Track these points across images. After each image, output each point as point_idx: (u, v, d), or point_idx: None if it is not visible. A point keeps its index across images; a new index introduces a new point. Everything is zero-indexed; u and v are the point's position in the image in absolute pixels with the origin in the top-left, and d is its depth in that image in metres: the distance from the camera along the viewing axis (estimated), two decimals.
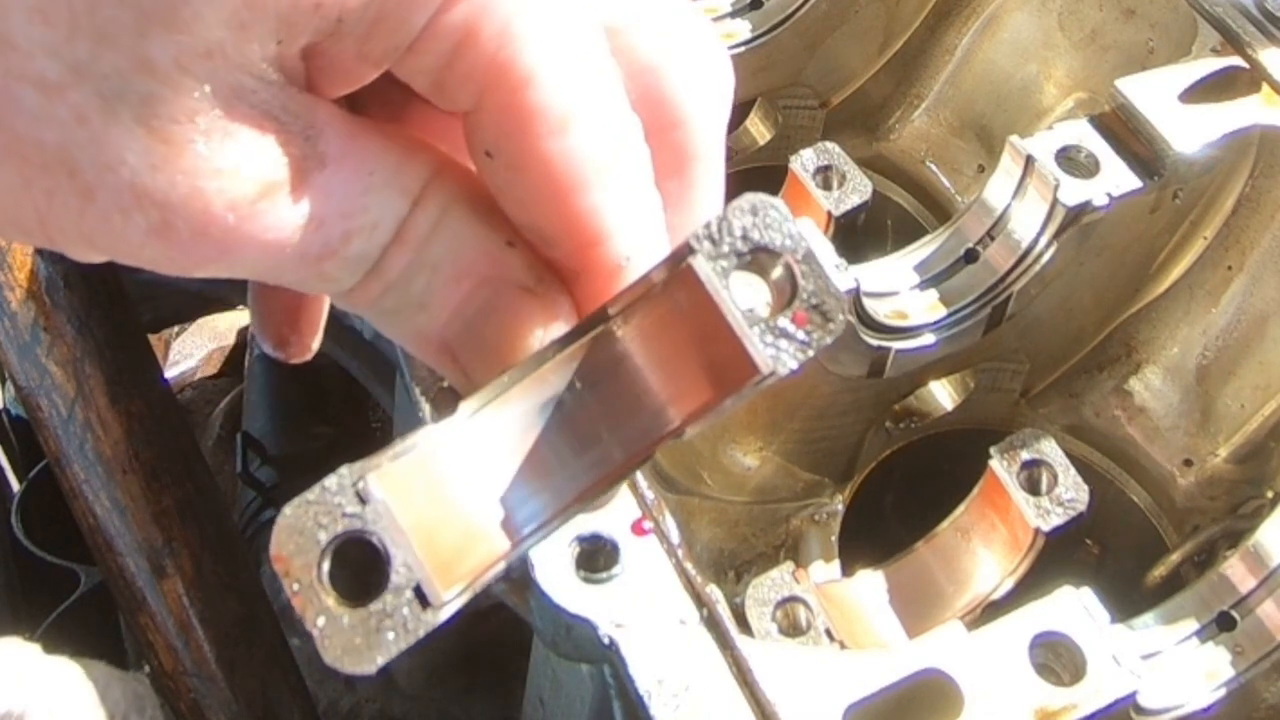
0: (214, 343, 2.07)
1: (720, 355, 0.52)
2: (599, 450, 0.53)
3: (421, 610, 0.47)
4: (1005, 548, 0.97)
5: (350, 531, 0.48)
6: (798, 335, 0.51)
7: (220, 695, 1.07)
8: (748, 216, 0.51)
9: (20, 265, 1.11)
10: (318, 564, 0.47)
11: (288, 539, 0.47)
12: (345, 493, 0.49)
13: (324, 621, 0.46)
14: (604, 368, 0.53)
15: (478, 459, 0.52)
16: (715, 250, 0.51)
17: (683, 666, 0.73)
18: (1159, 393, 1.19)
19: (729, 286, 0.51)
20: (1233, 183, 1.11)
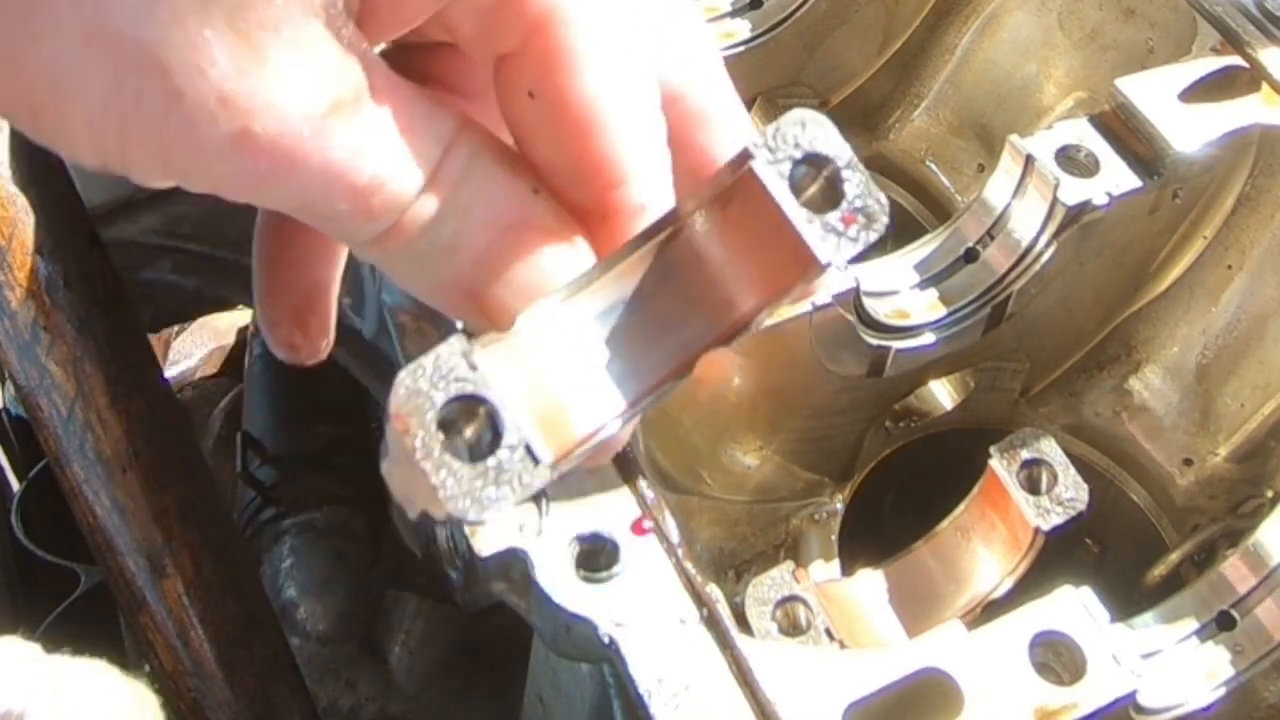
0: (214, 342, 2.07)
1: (781, 251, 0.57)
2: (677, 338, 0.58)
3: (533, 466, 0.51)
4: (1005, 547, 0.97)
5: (463, 395, 0.51)
6: (847, 233, 0.56)
7: (220, 695, 1.07)
8: (799, 128, 0.56)
9: (20, 265, 1.11)
10: (436, 422, 0.50)
11: (406, 399, 0.50)
12: (457, 360, 0.51)
13: (444, 474, 0.50)
14: (675, 267, 0.58)
15: (570, 342, 0.57)
16: (772, 156, 0.56)
17: (683, 666, 0.73)
18: (1159, 392, 1.19)
19: (786, 188, 0.56)
20: (1232, 182, 1.11)
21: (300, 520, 1.46)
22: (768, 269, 0.58)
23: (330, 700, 1.34)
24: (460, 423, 0.51)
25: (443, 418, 0.51)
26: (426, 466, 0.50)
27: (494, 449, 0.51)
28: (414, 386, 0.51)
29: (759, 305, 0.58)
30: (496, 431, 0.51)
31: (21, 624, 1.42)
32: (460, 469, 0.50)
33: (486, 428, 0.51)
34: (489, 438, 0.51)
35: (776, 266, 0.57)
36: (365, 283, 1.01)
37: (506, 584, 0.77)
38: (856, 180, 0.56)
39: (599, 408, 0.57)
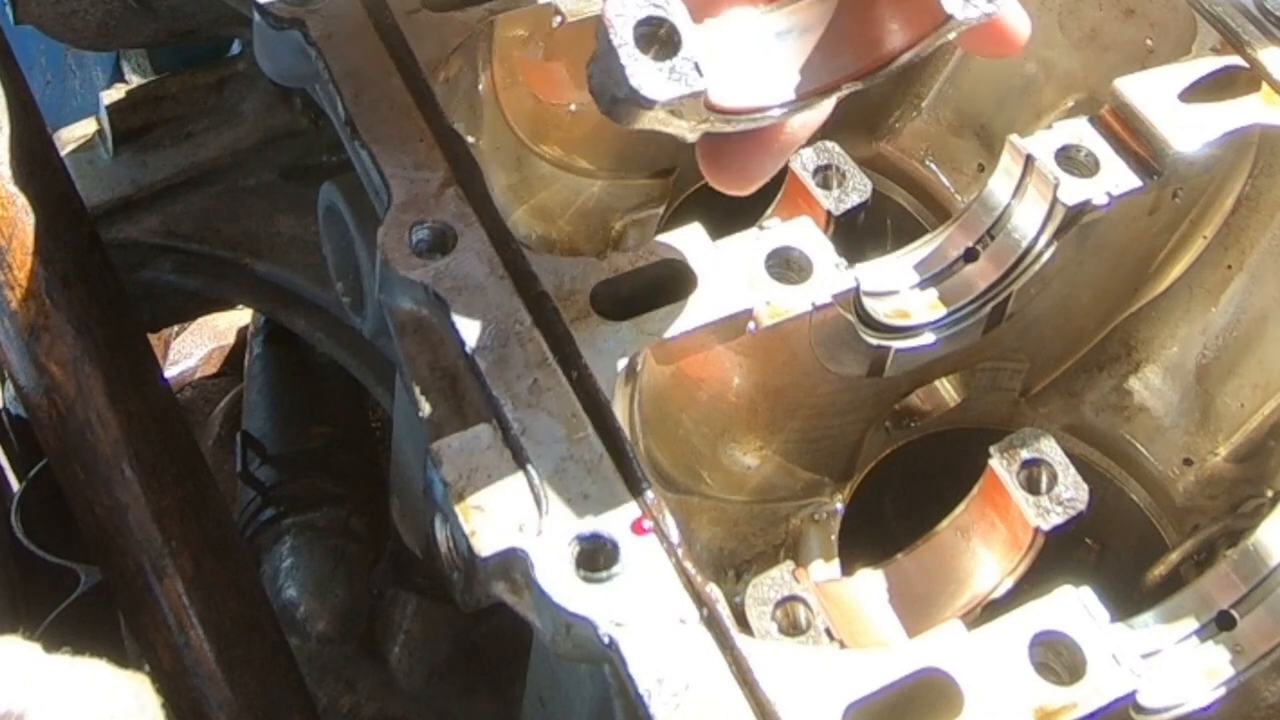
0: (213, 342, 2.07)
1: (914, 7, 0.73)
2: (831, 64, 0.75)
3: (699, 78, 0.69)
4: (1005, 547, 0.97)
5: (655, 17, 0.69)
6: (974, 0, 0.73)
7: (220, 694, 1.07)
8: None
9: (20, 265, 1.11)
10: (633, 24, 0.68)
11: (616, 6, 0.68)
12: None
13: (633, 59, 0.68)
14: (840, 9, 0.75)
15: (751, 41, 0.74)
16: None
17: (683, 666, 0.73)
18: (1159, 392, 1.19)
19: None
20: (1232, 182, 1.11)
21: (300, 520, 1.46)
22: (911, 18, 0.73)
23: (330, 700, 1.35)
24: (652, 37, 0.68)
25: (640, 25, 0.68)
26: (622, 54, 0.67)
27: (671, 55, 0.68)
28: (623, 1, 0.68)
29: (902, 46, 0.74)
30: (676, 46, 0.68)
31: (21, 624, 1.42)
32: (645, 61, 0.67)
33: (670, 42, 0.68)
34: (671, 50, 0.68)
35: (916, 17, 0.73)
36: (365, 282, 1.02)
37: (506, 584, 0.77)
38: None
39: (761, 92, 0.73)
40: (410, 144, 0.93)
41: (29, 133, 1.18)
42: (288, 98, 1.49)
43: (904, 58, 0.75)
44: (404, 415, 1.05)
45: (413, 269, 0.87)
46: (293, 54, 0.99)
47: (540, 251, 0.89)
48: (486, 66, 1.08)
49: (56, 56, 2.44)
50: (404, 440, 1.06)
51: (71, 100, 2.45)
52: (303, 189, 1.49)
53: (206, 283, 1.48)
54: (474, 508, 0.77)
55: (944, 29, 0.73)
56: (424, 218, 0.89)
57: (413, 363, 0.87)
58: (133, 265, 1.45)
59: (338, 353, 1.44)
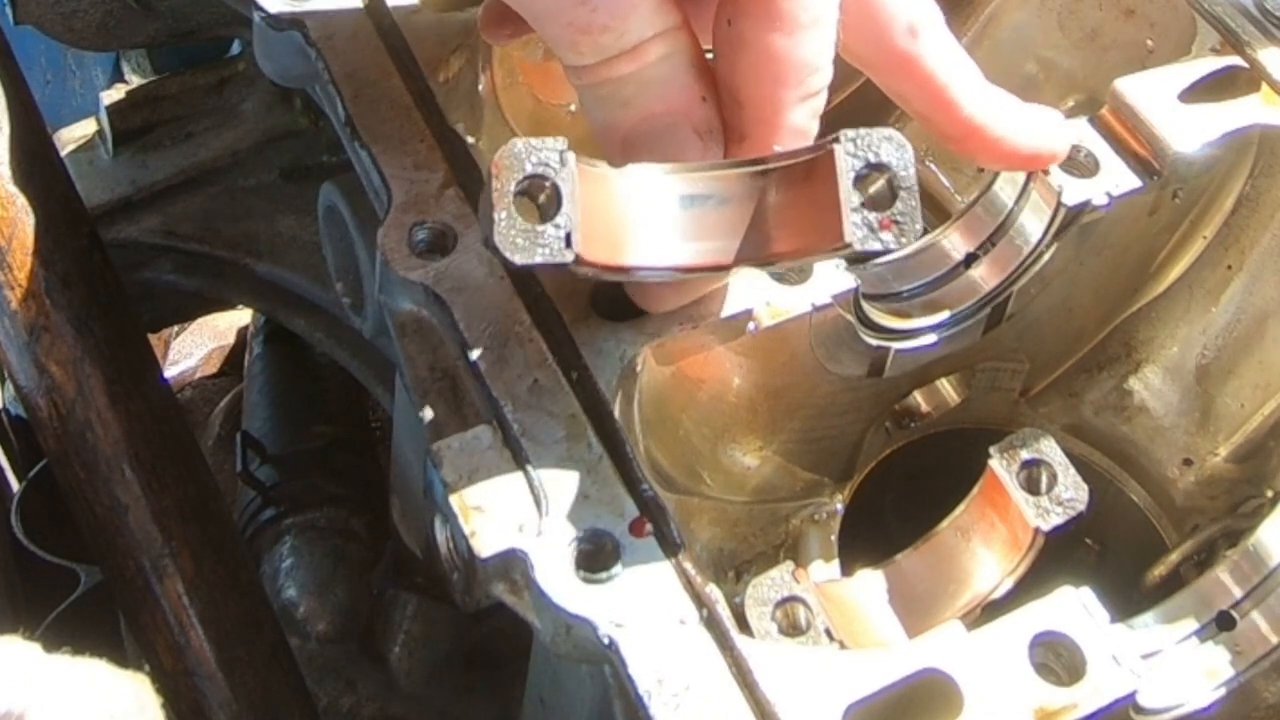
0: (214, 342, 2.07)
1: (824, 220, 0.71)
2: (725, 243, 0.74)
3: (565, 248, 0.69)
4: (1005, 547, 0.97)
5: (545, 176, 0.69)
6: (879, 233, 0.70)
7: (220, 695, 1.07)
8: (886, 142, 0.71)
9: (20, 265, 1.11)
10: (515, 179, 0.69)
11: (506, 157, 0.69)
12: (552, 154, 0.70)
13: (505, 216, 0.68)
14: (749, 193, 0.73)
15: (653, 201, 0.73)
16: (854, 150, 0.71)
17: (683, 666, 0.73)
18: (1159, 392, 1.19)
19: (850, 177, 0.70)
20: (1232, 182, 1.11)
21: (300, 520, 1.46)
22: (809, 229, 0.72)
23: (330, 700, 1.34)
24: (536, 193, 0.69)
25: (523, 180, 0.69)
26: (497, 206, 0.68)
27: (545, 220, 0.69)
28: (515, 153, 0.69)
29: (790, 251, 0.73)
30: (553, 211, 0.69)
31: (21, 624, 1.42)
32: (517, 220, 0.68)
33: (552, 204, 0.69)
34: (548, 213, 0.69)
35: (815, 230, 0.72)
36: (365, 283, 1.02)
37: (506, 584, 0.77)
38: (909, 201, 0.70)
39: (648, 254, 0.73)
40: (410, 144, 0.93)
41: (29, 133, 1.18)
42: (288, 98, 1.49)
43: (791, 261, 0.76)
44: (404, 415, 1.05)
45: (412, 270, 0.87)
46: (293, 54, 0.99)
47: None
48: (486, 66, 1.08)
49: (56, 56, 2.44)
50: (404, 440, 1.06)
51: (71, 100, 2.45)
52: (303, 189, 1.49)
53: (206, 283, 1.49)
54: (474, 508, 0.77)
55: (837, 251, 0.71)
56: (424, 218, 0.89)
57: (412, 363, 0.87)
58: (133, 265, 1.45)
59: (338, 353, 1.44)
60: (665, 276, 0.75)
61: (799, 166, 0.72)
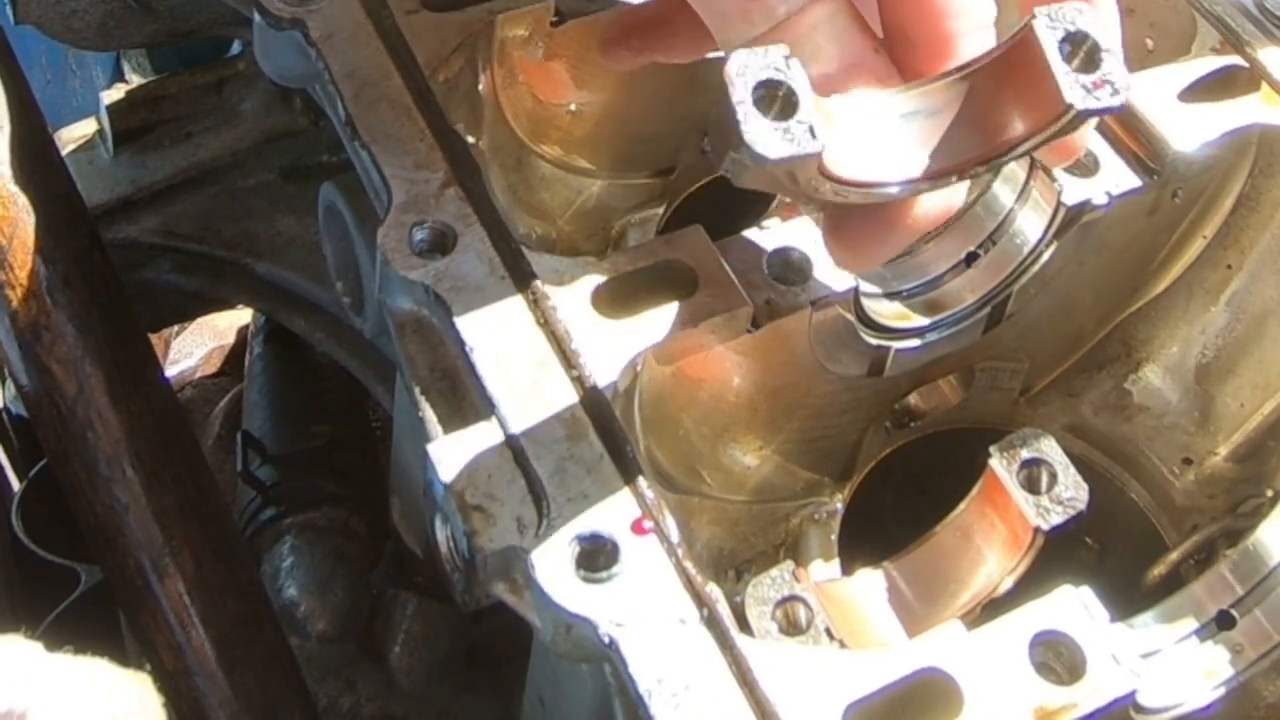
0: (214, 342, 2.07)
1: (1041, 94, 0.71)
2: (955, 147, 0.75)
3: (812, 139, 0.68)
4: (1005, 546, 0.97)
5: (779, 81, 0.68)
6: (1095, 92, 0.71)
7: (220, 694, 1.07)
8: (1077, 12, 0.72)
9: (21, 265, 1.11)
10: (752, 85, 0.68)
11: (738, 63, 0.68)
12: (780, 58, 0.69)
13: (751, 119, 0.68)
14: (964, 97, 0.75)
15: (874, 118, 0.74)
16: (1051, 23, 0.72)
17: (683, 666, 0.73)
18: (1158, 391, 1.19)
19: (1055, 47, 0.71)
20: (1232, 182, 1.11)
21: (300, 520, 1.46)
22: (1028, 111, 0.72)
23: (330, 700, 1.34)
24: (770, 98, 0.68)
25: (759, 86, 0.68)
26: (739, 111, 0.67)
27: (787, 117, 0.68)
28: (744, 61, 0.68)
29: (1019, 137, 0.73)
30: (793, 108, 0.68)
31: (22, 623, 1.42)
32: (760, 120, 0.67)
33: (788, 105, 0.68)
34: (788, 112, 0.68)
35: (1035, 109, 0.72)
36: (365, 282, 1.02)
37: (506, 584, 0.77)
38: (1114, 62, 0.71)
39: (879, 167, 0.73)
40: (410, 144, 0.93)
41: (29, 132, 1.18)
42: (288, 98, 1.49)
43: (1026, 145, 0.74)
44: (404, 415, 1.05)
45: (413, 269, 0.87)
46: (293, 54, 0.99)
47: (540, 251, 0.89)
48: (486, 66, 1.08)
49: (56, 56, 2.44)
50: (404, 440, 1.06)
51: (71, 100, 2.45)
52: (302, 189, 1.49)
53: (206, 283, 1.49)
54: (474, 507, 0.77)
55: (1065, 120, 0.72)
56: (424, 218, 0.89)
57: (412, 363, 0.87)
58: (133, 265, 1.45)
59: (338, 353, 1.44)
60: (903, 191, 0.75)
61: (1000, 59, 0.74)
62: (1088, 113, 0.70)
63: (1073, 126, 0.72)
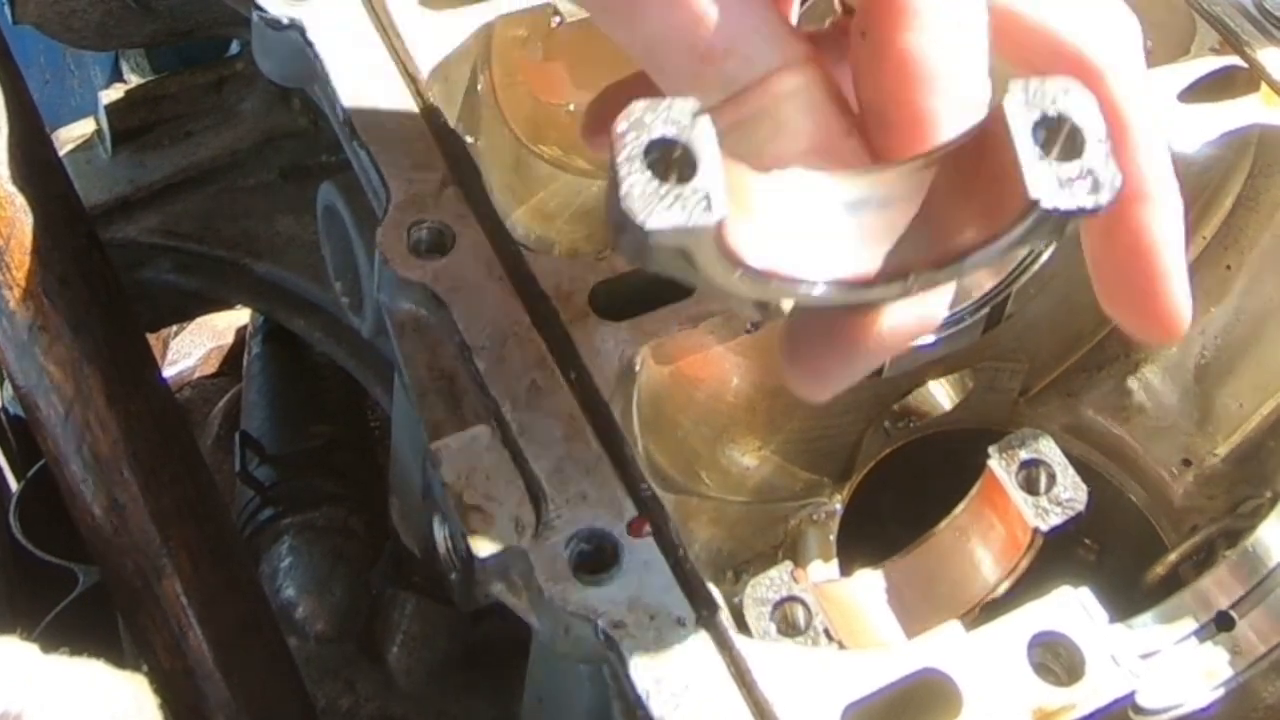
0: (212, 342, 2.07)
1: (1004, 188, 0.59)
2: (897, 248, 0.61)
3: (707, 209, 0.55)
4: (1003, 547, 0.97)
5: (678, 139, 0.56)
6: (1070, 185, 0.58)
7: (219, 695, 1.07)
8: (1062, 91, 0.59)
9: (19, 265, 1.11)
10: (646, 145, 0.56)
11: (626, 124, 0.56)
12: (684, 113, 0.56)
13: (632, 178, 0.55)
14: (916, 189, 0.62)
15: (806, 203, 0.61)
16: (1027, 100, 0.59)
17: (682, 666, 0.73)
18: (1157, 392, 1.19)
19: (1026, 131, 0.59)
20: (1231, 182, 1.11)
21: (299, 520, 1.46)
22: (991, 207, 0.60)
23: (329, 700, 1.34)
24: (667, 158, 0.56)
25: (653, 146, 0.56)
26: (622, 171, 0.56)
27: (681, 181, 0.56)
28: (639, 114, 0.57)
29: (977, 240, 0.60)
30: (689, 173, 0.56)
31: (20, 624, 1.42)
32: (644, 182, 0.56)
33: (685, 167, 0.56)
34: (684, 176, 0.56)
35: (998, 205, 0.59)
36: (364, 283, 1.01)
37: (505, 584, 0.77)
38: (1100, 153, 0.58)
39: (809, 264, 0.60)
40: (409, 143, 0.93)
41: (28, 132, 1.17)
42: (287, 98, 1.49)
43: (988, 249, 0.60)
44: (403, 415, 1.05)
45: (411, 269, 0.87)
46: (291, 54, 0.99)
47: (539, 252, 0.89)
48: (486, 66, 1.08)
49: (55, 56, 2.44)
50: (403, 440, 1.06)
51: (70, 100, 2.45)
52: (302, 189, 1.49)
53: (206, 283, 1.48)
54: (472, 508, 0.77)
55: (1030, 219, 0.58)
56: (423, 218, 0.89)
57: (411, 363, 0.87)
58: (132, 265, 1.45)
59: (337, 353, 1.44)
60: (826, 294, 0.61)
61: (967, 145, 0.62)
62: (1057, 212, 0.57)
63: (1046, 229, 0.58)
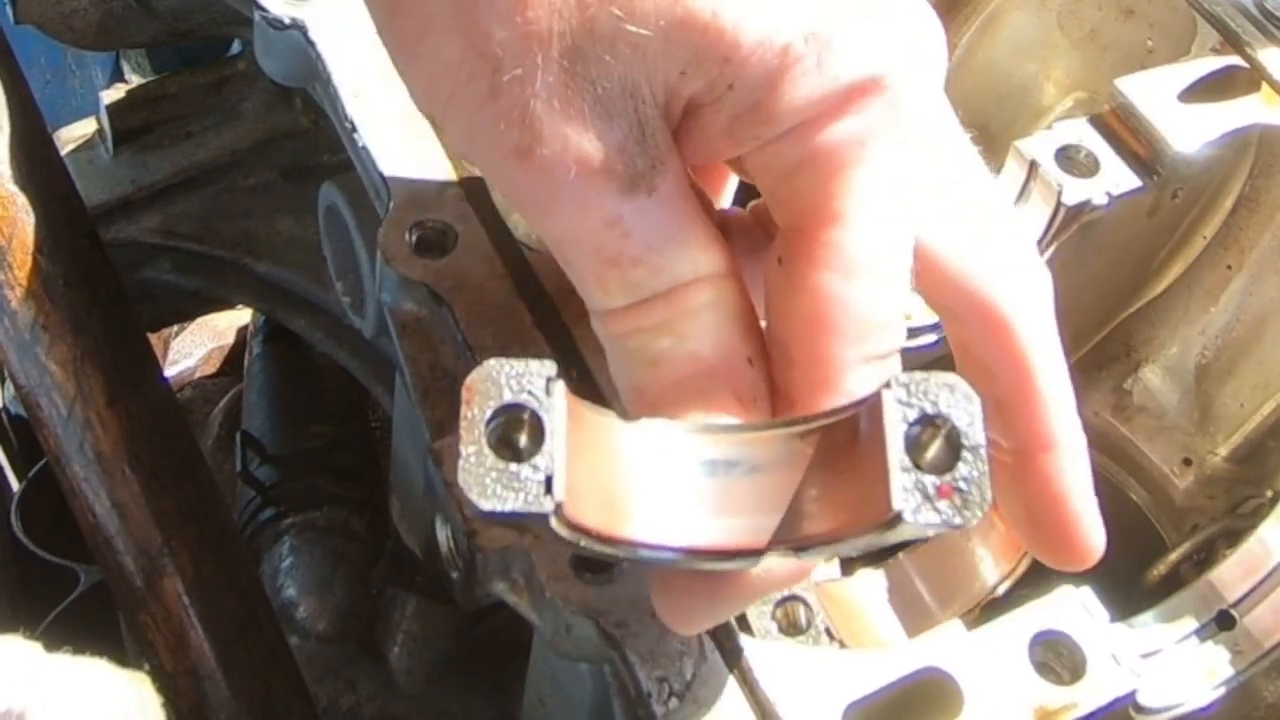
0: (213, 342, 2.07)
1: (868, 490, 0.55)
2: (750, 522, 0.57)
3: (544, 495, 0.53)
4: (1004, 546, 0.97)
5: (528, 405, 0.54)
6: (935, 501, 0.54)
7: (220, 695, 1.07)
8: (946, 390, 0.55)
9: (20, 264, 1.11)
10: (492, 411, 0.54)
11: (481, 380, 0.55)
12: (538, 378, 0.54)
13: (474, 453, 0.54)
14: (773, 463, 0.58)
15: (646, 467, 0.57)
16: (906, 398, 0.55)
17: (683, 666, 0.73)
18: (1158, 392, 1.19)
19: (900, 432, 0.54)
20: (1232, 182, 1.11)
21: (300, 520, 1.46)
22: (854, 502, 0.56)
23: (330, 700, 1.34)
24: (514, 425, 0.54)
25: (498, 411, 0.54)
26: (464, 440, 0.54)
27: (524, 460, 0.53)
28: (492, 375, 0.55)
29: (830, 532, 0.56)
30: (536, 448, 0.54)
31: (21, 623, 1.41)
32: (487, 457, 0.53)
33: (533, 441, 0.54)
34: (529, 451, 0.54)
35: (860, 503, 0.55)
36: (365, 283, 1.01)
37: (507, 583, 0.77)
38: (975, 466, 0.54)
39: (657, 528, 0.57)
40: (411, 143, 0.93)
41: (29, 132, 1.18)
42: (288, 97, 1.49)
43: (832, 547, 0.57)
44: (404, 415, 1.05)
45: (413, 268, 0.87)
46: (292, 53, 0.99)
47: (541, 251, 0.89)
48: None
49: (56, 56, 2.44)
50: (404, 440, 1.05)
51: (71, 100, 2.45)
52: (302, 189, 1.49)
53: (206, 282, 1.48)
54: None
55: (884, 528, 0.54)
56: (424, 217, 0.89)
57: (413, 363, 0.87)
58: (132, 265, 1.45)
59: (337, 353, 1.44)
60: (674, 560, 0.58)
61: (844, 424, 0.57)
62: (917, 526, 0.53)
63: (907, 534, 0.55)
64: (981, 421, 0.54)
